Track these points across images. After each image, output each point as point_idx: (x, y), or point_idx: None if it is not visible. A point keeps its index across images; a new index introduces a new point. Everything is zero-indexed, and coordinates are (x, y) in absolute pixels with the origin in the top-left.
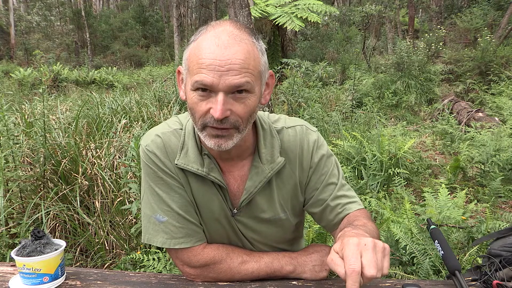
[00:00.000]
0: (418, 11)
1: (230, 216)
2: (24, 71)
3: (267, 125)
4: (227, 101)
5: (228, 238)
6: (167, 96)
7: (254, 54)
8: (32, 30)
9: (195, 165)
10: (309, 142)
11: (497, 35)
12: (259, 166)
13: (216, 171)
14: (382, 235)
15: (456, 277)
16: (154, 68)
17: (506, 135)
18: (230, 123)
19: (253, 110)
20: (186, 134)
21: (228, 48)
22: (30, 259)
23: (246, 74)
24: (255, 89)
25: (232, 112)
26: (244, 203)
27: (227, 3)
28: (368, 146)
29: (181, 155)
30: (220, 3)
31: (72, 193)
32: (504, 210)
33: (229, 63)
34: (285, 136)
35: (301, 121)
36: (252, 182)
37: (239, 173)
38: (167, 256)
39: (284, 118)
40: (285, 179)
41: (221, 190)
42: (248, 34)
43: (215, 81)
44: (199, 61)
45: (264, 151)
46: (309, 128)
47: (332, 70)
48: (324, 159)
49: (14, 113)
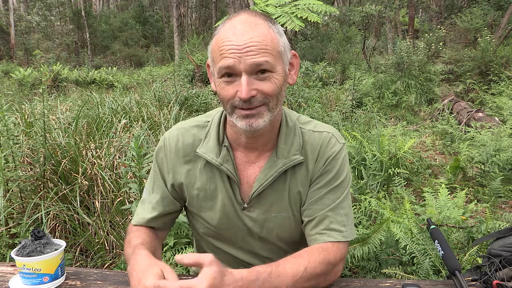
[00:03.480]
0: (418, 11)
1: (240, 210)
2: (24, 71)
3: (292, 123)
4: (251, 82)
5: (236, 235)
6: (167, 96)
7: (271, 35)
8: (32, 30)
9: (212, 154)
10: (328, 150)
11: (497, 35)
12: (274, 160)
13: (230, 163)
14: (382, 235)
15: (456, 277)
16: (154, 68)
17: (506, 135)
18: (258, 101)
19: (280, 88)
20: (211, 126)
21: (245, 34)
22: (30, 259)
23: (265, 54)
24: (278, 68)
25: (258, 91)
26: (254, 195)
27: (227, 3)
28: (368, 146)
29: (203, 144)
30: (220, 3)
31: (72, 193)
32: (504, 210)
33: (247, 46)
34: (309, 138)
35: (332, 129)
36: (264, 174)
37: (260, 164)
38: (167, 256)
39: (316, 122)
40: (299, 178)
41: (232, 183)
42: (263, 19)
43: (236, 62)
44: (220, 50)
45: (282, 146)
46: (336, 138)
47: (332, 70)
48: (333, 173)
49: (14, 113)
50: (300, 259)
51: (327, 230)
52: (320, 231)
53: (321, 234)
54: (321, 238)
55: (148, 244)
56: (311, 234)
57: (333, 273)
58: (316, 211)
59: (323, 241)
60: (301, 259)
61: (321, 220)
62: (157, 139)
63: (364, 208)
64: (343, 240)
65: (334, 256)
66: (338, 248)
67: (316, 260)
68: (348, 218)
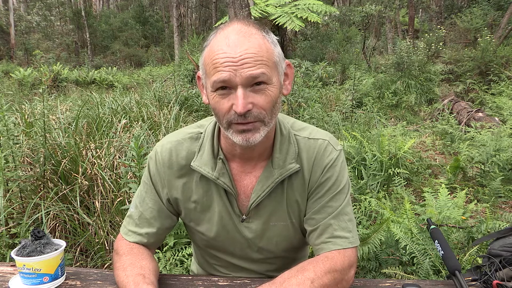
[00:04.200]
0: (418, 11)
1: (239, 222)
2: (24, 71)
3: (286, 131)
4: (247, 95)
5: (234, 246)
6: (167, 96)
7: (266, 46)
8: (32, 30)
9: (207, 168)
10: (325, 159)
11: (497, 35)
12: (270, 170)
13: (227, 176)
14: (382, 235)
15: (456, 277)
16: (154, 68)
17: (506, 135)
18: (253, 116)
19: (275, 100)
20: (205, 137)
21: (239, 45)
22: (30, 259)
23: (261, 66)
24: (273, 80)
25: (254, 104)
26: (252, 206)
27: (227, 3)
28: (368, 146)
29: (197, 157)
30: (220, 3)
31: (72, 193)
32: (504, 210)
33: (243, 58)
34: (305, 146)
35: (328, 135)
36: (260, 185)
37: (256, 174)
38: (167, 256)
39: (311, 129)
40: (296, 187)
41: (229, 195)
42: (257, 28)
43: (232, 76)
44: (214, 62)
45: (278, 156)
46: (332, 145)
47: (332, 70)
48: (333, 180)
49: (14, 113)
50: (305, 272)
51: (332, 238)
52: (325, 239)
53: (327, 243)
54: (326, 246)
55: (147, 273)
56: (317, 243)
57: (345, 281)
58: (319, 220)
59: (328, 249)
60: (307, 272)
61: (325, 229)
62: (157, 139)
63: (364, 208)
64: (349, 246)
65: (341, 264)
66: (345, 256)
67: (322, 271)
68: (352, 223)
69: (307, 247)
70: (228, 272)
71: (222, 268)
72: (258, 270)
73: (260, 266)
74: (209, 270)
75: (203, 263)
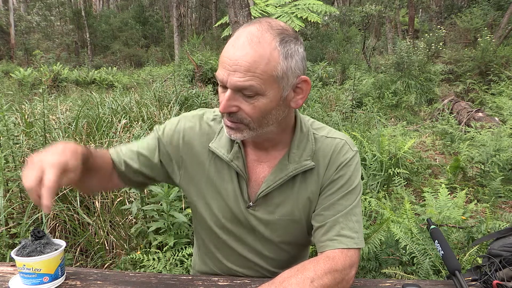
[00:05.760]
0: (418, 11)
1: (245, 208)
2: (24, 71)
3: (306, 128)
4: (234, 98)
5: (239, 229)
6: (167, 96)
7: (268, 58)
8: (32, 30)
9: (223, 150)
10: (340, 157)
11: (497, 35)
12: (285, 164)
13: (241, 160)
14: (382, 235)
15: (456, 277)
16: (154, 68)
17: (506, 135)
18: (237, 118)
19: (265, 112)
20: None
21: (239, 50)
22: (30, 259)
23: (251, 78)
24: (268, 93)
25: (240, 109)
26: (261, 195)
27: (227, 3)
28: (368, 146)
29: (216, 139)
30: (220, 3)
31: (72, 193)
32: (504, 210)
33: (236, 64)
34: (322, 144)
35: (345, 136)
36: (273, 176)
37: (270, 164)
38: (167, 256)
39: (329, 129)
40: (309, 183)
41: (240, 179)
42: (272, 36)
43: (224, 78)
44: (221, 57)
45: (294, 151)
46: (349, 145)
47: (332, 70)
48: (346, 178)
49: (14, 113)
50: (306, 271)
51: (338, 237)
52: (331, 237)
53: (332, 241)
54: (332, 244)
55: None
56: (322, 240)
57: (345, 281)
58: (327, 217)
59: (333, 247)
60: (307, 271)
61: (332, 226)
62: None
63: (364, 208)
64: (354, 247)
65: (342, 264)
66: (347, 256)
67: (322, 270)
68: (359, 225)
69: (309, 247)
70: (229, 264)
71: (224, 259)
72: (258, 262)
73: (264, 260)
74: (209, 265)
75: (203, 256)
